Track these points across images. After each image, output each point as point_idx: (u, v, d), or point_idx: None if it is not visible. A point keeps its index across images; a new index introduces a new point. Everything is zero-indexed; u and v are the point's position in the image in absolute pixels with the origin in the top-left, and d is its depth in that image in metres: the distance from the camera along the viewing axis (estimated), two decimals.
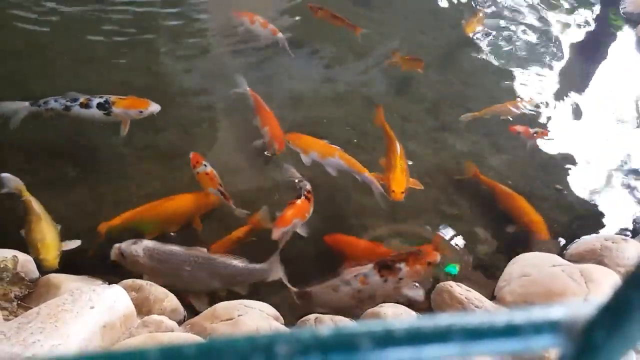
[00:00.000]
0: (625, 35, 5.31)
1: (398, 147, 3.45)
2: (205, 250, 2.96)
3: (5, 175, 3.07)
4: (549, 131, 4.07)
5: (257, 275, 2.91)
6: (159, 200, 3.19)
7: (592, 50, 5.09)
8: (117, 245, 2.88)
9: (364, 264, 3.01)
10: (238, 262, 2.89)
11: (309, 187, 3.24)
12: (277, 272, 2.90)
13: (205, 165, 3.29)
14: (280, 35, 4.44)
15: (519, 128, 3.93)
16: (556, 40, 5.06)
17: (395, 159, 3.33)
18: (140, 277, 2.80)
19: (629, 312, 0.40)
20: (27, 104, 3.39)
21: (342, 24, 4.54)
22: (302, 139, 3.54)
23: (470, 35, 4.78)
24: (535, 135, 3.94)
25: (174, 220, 3.20)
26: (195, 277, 2.83)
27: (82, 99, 3.41)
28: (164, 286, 2.74)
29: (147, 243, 2.89)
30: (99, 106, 3.39)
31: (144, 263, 2.82)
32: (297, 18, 4.80)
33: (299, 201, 3.12)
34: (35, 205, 2.97)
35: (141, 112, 3.41)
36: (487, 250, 3.33)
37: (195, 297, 2.82)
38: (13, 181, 3.07)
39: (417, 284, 2.95)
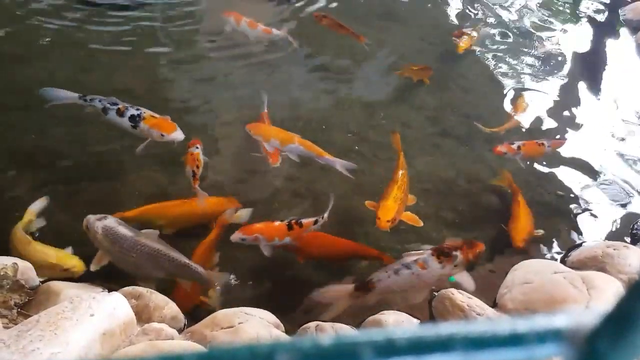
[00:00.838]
0: (625, 42, 5.33)
1: (400, 177, 3.32)
2: (157, 234, 2.92)
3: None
4: (536, 140, 3.94)
5: (197, 277, 2.85)
6: (177, 200, 3.25)
7: (593, 57, 5.09)
8: (88, 216, 2.89)
9: (316, 255, 3.12)
10: (183, 260, 2.81)
11: (306, 220, 3.09)
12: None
13: (197, 148, 3.39)
14: (276, 32, 4.44)
15: (501, 148, 3.77)
16: (557, 47, 5.07)
17: (392, 189, 3.23)
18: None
19: (632, 321, 0.40)
20: (76, 95, 3.55)
21: (346, 32, 4.55)
22: (262, 128, 3.61)
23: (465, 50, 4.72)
24: (519, 148, 3.79)
25: (190, 221, 3.24)
26: (140, 265, 2.82)
27: (120, 106, 3.47)
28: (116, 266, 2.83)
29: (110, 222, 2.86)
30: (131, 118, 3.43)
31: (100, 240, 2.83)
32: (297, 24, 4.81)
33: (277, 223, 3.06)
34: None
35: (162, 135, 3.42)
36: (488, 257, 3.32)
37: (142, 280, 2.81)
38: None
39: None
